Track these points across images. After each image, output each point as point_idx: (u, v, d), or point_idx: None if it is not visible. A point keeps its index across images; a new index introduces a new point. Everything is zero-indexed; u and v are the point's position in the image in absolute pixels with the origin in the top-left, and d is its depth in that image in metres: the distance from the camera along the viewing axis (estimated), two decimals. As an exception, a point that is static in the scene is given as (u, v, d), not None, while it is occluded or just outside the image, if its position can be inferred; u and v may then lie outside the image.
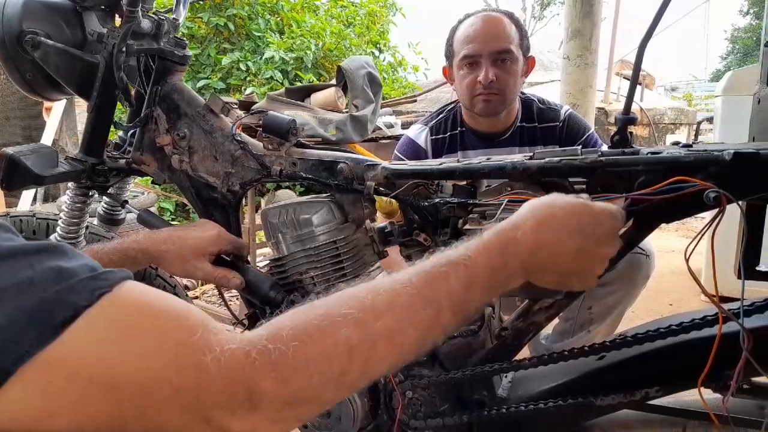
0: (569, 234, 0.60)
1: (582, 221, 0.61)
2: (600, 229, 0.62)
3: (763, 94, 1.14)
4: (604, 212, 0.63)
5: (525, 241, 0.59)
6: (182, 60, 1.04)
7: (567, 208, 0.61)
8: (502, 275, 0.58)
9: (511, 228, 0.60)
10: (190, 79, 5.13)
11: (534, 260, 0.59)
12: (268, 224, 0.99)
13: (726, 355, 0.72)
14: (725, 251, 0.95)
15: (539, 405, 0.86)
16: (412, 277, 0.54)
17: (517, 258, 0.58)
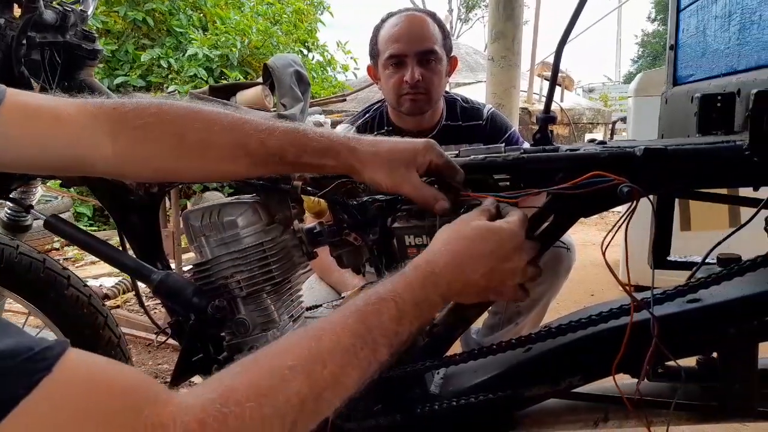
0: (479, 259, 0.66)
1: (488, 245, 0.66)
2: (504, 247, 0.67)
3: (669, 94, 1.21)
4: (506, 231, 0.68)
5: (442, 275, 0.64)
6: (91, 54, 0.97)
7: (473, 236, 0.67)
8: (425, 307, 0.63)
9: (427, 263, 0.65)
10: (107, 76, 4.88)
11: (452, 289, 0.65)
12: (190, 228, 0.95)
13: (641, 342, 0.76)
14: (642, 243, 1.00)
15: (470, 399, 0.87)
16: (348, 319, 0.56)
17: (436, 290, 0.64)
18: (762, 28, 0.83)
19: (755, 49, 0.85)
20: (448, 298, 0.67)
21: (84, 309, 1.12)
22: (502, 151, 0.81)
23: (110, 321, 1.17)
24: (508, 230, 0.68)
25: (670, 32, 1.24)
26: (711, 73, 1.02)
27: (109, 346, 1.16)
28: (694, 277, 0.85)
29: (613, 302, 0.85)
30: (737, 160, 0.71)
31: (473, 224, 0.68)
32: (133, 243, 1.01)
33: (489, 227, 0.68)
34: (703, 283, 0.74)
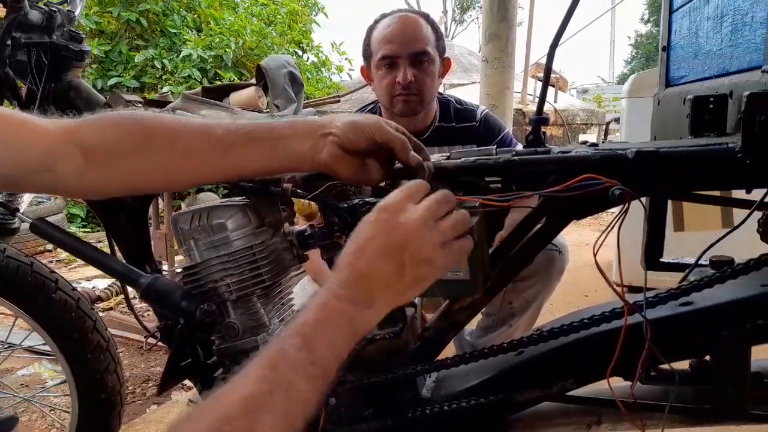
0: (367, 250, 0.59)
1: (366, 232, 0.60)
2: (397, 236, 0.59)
3: (662, 96, 1.21)
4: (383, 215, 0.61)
5: (337, 283, 0.59)
6: (78, 55, 0.96)
7: (361, 231, 0.61)
8: (338, 322, 0.57)
9: (329, 278, 0.60)
10: (101, 77, 4.85)
11: (360, 291, 0.58)
12: (179, 230, 0.94)
13: (633, 345, 0.76)
14: (635, 243, 1.00)
15: (462, 404, 0.87)
16: (252, 368, 0.53)
17: (339, 299, 0.58)
18: (754, 29, 0.82)
19: (747, 50, 0.85)
20: (364, 302, 0.58)
21: (72, 313, 1.11)
22: (494, 153, 0.81)
23: (99, 325, 1.16)
24: (377, 207, 0.61)
25: (662, 33, 1.23)
26: (703, 74, 1.01)
27: (98, 349, 1.14)
28: (687, 280, 0.85)
29: (605, 305, 0.85)
30: (729, 162, 0.70)
31: (366, 218, 0.62)
32: (122, 246, 1.00)
33: (365, 218, 0.62)
34: (695, 287, 0.74)
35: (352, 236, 0.61)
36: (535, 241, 0.81)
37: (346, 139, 0.73)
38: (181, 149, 0.72)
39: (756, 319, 0.76)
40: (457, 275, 0.77)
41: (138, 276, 0.88)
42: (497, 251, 0.86)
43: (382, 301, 0.59)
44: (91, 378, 1.14)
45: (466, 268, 0.76)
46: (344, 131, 0.73)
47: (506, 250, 0.85)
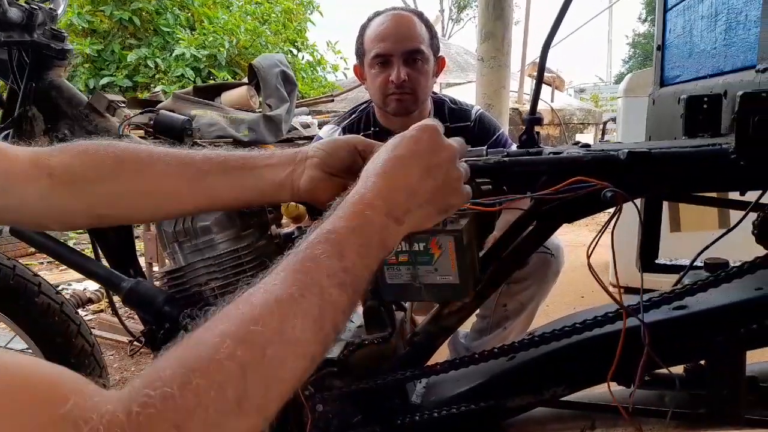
0: (406, 164, 0.58)
1: (408, 147, 0.60)
2: (423, 143, 0.60)
3: (656, 95, 1.19)
4: (418, 129, 0.62)
5: (374, 194, 0.57)
6: (60, 54, 0.94)
7: (390, 149, 0.60)
8: (370, 231, 0.55)
9: (355, 191, 0.58)
10: (93, 76, 4.82)
11: (394, 204, 0.57)
12: (164, 233, 0.92)
13: (628, 350, 0.74)
14: (631, 244, 0.98)
15: (452, 410, 0.85)
16: (280, 273, 0.50)
17: (374, 210, 0.55)
18: (748, 28, 0.81)
19: (741, 49, 0.83)
20: (398, 218, 0.57)
21: (55, 317, 1.08)
22: (484, 154, 0.79)
23: (83, 329, 1.13)
24: (418, 127, 0.62)
25: (657, 32, 1.22)
26: (698, 74, 1.00)
27: (83, 354, 1.12)
28: (681, 283, 0.83)
29: (598, 309, 0.83)
30: (723, 163, 0.68)
31: (384, 145, 0.63)
32: (105, 249, 0.98)
33: (398, 136, 0.62)
34: (689, 290, 0.72)
35: (384, 148, 0.61)
36: (527, 244, 0.79)
37: (327, 157, 0.73)
38: (153, 175, 0.69)
39: (751, 323, 0.74)
40: (446, 279, 0.75)
41: (120, 280, 0.86)
42: (488, 254, 0.84)
43: (412, 219, 0.58)
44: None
45: (455, 271, 0.74)
46: (323, 150, 0.73)
47: (497, 252, 0.83)
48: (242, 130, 2.16)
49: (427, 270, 0.75)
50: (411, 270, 0.75)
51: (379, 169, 0.58)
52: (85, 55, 4.85)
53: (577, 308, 2.39)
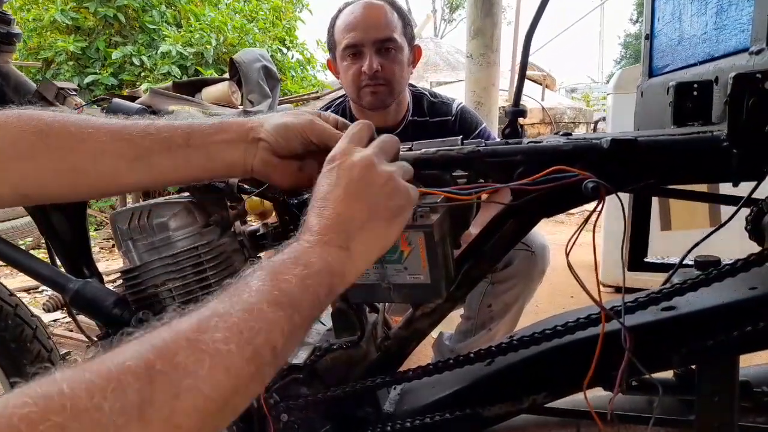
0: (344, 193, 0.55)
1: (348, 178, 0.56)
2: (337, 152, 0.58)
3: (645, 87, 1.14)
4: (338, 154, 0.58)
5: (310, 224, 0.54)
6: (7, 38, 0.87)
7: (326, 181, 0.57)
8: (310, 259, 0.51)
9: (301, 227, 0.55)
10: (78, 74, 4.73)
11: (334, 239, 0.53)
12: (118, 230, 0.85)
13: (613, 353, 0.68)
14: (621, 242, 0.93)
15: (427, 419, 0.79)
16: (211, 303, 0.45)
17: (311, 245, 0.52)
18: (740, 8, 0.76)
19: (733, 32, 0.78)
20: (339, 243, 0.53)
21: (8, 320, 1.02)
22: (458, 144, 0.73)
23: (40, 333, 1.07)
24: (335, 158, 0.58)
25: (645, 20, 1.17)
26: (688, 61, 0.95)
27: (39, 359, 1.06)
28: (670, 282, 0.78)
29: (581, 310, 0.78)
30: (715, 152, 0.63)
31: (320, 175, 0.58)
32: (57, 247, 0.91)
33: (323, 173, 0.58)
34: (678, 290, 0.66)
35: (313, 194, 0.58)
36: (504, 241, 0.74)
37: (278, 144, 0.67)
38: (85, 153, 0.62)
39: (744, 325, 0.69)
40: (416, 278, 0.70)
41: (66, 281, 0.80)
42: (464, 252, 0.78)
43: (360, 243, 0.55)
44: (31, 391, 1.05)
45: (426, 270, 0.69)
46: (274, 137, 0.67)
47: (473, 251, 0.77)
48: (222, 126, 2.09)
49: (396, 269, 0.69)
50: (379, 269, 0.69)
51: (309, 212, 0.56)
52: (69, 52, 4.76)
53: (567, 308, 2.35)
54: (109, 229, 3.66)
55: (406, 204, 0.58)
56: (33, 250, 3.62)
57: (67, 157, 0.62)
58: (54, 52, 4.79)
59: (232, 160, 0.67)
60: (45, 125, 0.61)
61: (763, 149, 0.61)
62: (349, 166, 0.57)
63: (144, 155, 0.64)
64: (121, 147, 0.63)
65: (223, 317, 0.42)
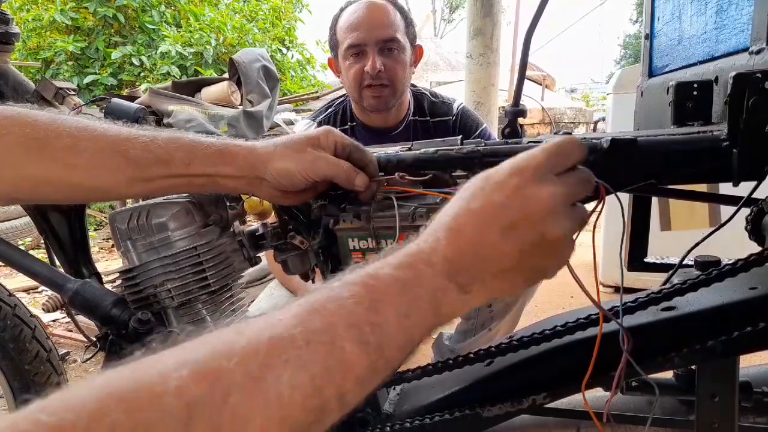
0: (483, 217, 0.45)
1: (490, 195, 0.46)
2: (510, 192, 0.45)
3: (645, 86, 1.14)
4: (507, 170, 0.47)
5: (433, 248, 0.45)
6: (5, 38, 0.87)
7: (467, 196, 0.47)
8: (420, 290, 0.43)
9: (415, 242, 0.46)
10: (77, 74, 4.73)
11: (461, 266, 0.44)
12: (116, 230, 0.85)
13: (612, 354, 0.68)
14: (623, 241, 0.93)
15: (425, 420, 0.79)
16: (294, 307, 0.39)
17: (433, 267, 0.43)
18: (740, 8, 0.76)
19: (733, 32, 0.78)
20: (463, 283, 0.44)
21: (7, 321, 1.01)
22: (458, 144, 0.73)
23: (39, 333, 1.07)
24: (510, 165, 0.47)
25: (645, 20, 1.17)
26: (688, 61, 0.95)
27: (38, 360, 1.05)
28: (670, 282, 0.78)
29: (581, 311, 0.77)
30: (715, 152, 0.63)
31: (468, 184, 0.48)
32: (56, 247, 0.91)
33: (484, 175, 0.48)
34: (678, 290, 0.66)
35: (458, 195, 0.48)
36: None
37: (281, 186, 0.68)
38: (85, 167, 0.61)
39: (744, 325, 0.69)
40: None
41: (64, 281, 0.80)
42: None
43: (484, 288, 0.45)
44: (30, 391, 1.05)
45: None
46: (277, 180, 0.67)
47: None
48: (221, 126, 2.08)
49: None
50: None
51: (448, 222, 0.46)
52: (69, 52, 4.76)
53: (566, 309, 2.35)
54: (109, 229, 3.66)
55: (556, 266, 0.49)
56: (32, 251, 3.61)
57: (63, 171, 0.60)
58: (53, 52, 4.79)
59: (234, 188, 0.69)
60: (41, 133, 0.59)
61: (763, 149, 0.61)
62: (528, 197, 0.45)
63: (142, 174, 0.63)
64: (119, 163, 0.62)
65: (297, 347, 0.35)
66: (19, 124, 0.59)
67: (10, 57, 0.90)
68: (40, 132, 0.59)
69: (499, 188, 0.46)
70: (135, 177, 0.63)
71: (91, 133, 0.62)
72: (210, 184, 0.67)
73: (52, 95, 0.86)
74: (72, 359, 2.18)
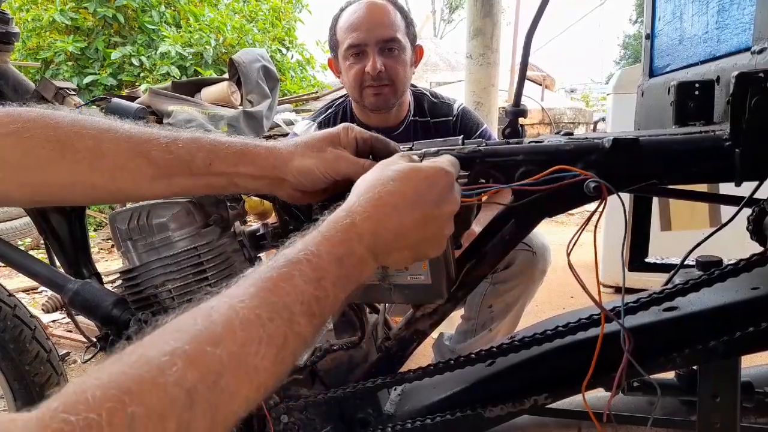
0: (408, 205, 0.55)
1: (418, 188, 0.56)
2: (435, 189, 0.57)
3: (645, 87, 1.14)
4: (436, 171, 0.58)
5: (364, 225, 0.52)
6: (5, 38, 0.87)
7: (399, 178, 0.56)
8: (350, 263, 0.51)
9: (347, 214, 0.53)
10: (77, 75, 4.73)
11: (380, 242, 0.53)
12: (117, 230, 0.85)
13: (614, 354, 0.68)
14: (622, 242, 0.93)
15: (426, 420, 0.79)
16: (249, 288, 0.44)
17: (361, 243, 0.52)
18: (742, 8, 0.75)
19: (735, 31, 0.78)
20: (377, 255, 0.54)
21: (7, 321, 1.01)
22: (459, 144, 0.73)
23: (39, 333, 1.06)
24: (439, 169, 0.58)
25: (645, 20, 1.16)
26: (689, 61, 0.94)
27: (38, 361, 1.05)
28: (672, 282, 0.77)
29: (582, 311, 0.77)
30: (717, 151, 0.63)
31: (394, 167, 0.57)
32: (56, 247, 0.91)
33: (414, 167, 0.57)
34: (680, 290, 0.66)
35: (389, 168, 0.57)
36: (505, 241, 0.73)
37: (303, 186, 0.69)
38: (107, 170, 0.61)
39: (746, 326, 0.69)
40: (417, 279, 0.70)
41: (65, 281, 0.79)
42: (465, 252, 0.78)
43: (389, 260, 0.56)
44: (30, 392, 1.05)
45: (428, 270, 0.68)
46: (299, 179, 0.68)
47: (475, 251, 0.77)
48: (221, 126, 2.09)
49: (397, 269, 0.69)
50: (379, 270, 0.69)
51: (376, 196, 0.54)
52: (68, 53, 4.75)
53: (567, 309, 2.34)
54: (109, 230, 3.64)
55: (433, 255, 0.60)
56: (32, 251, 3.61)
57: (86, 174, 0.60)
58: (53, 53, 4.79)
59: (255, 188, 0.69)
60: (63, 136, 0.59)
61: (765, 149, 0.60)
62: (446, 199, 0.57)
63: (164, 175, 0.63)
64: (141, 165, 0.62)
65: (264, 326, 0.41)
66: (42, 127, 0.58)
67: (10, 57, 0.90)
68: (62, 134, 0.59)
69: (428, 184, 0.56)
70: (157, 178, 0.63)
71: (113, 135, 0.61)
72: (230, 186, 0.68)
73: (52, 95, 0.86)
74: (71, 360, 2.18)
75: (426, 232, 0.56)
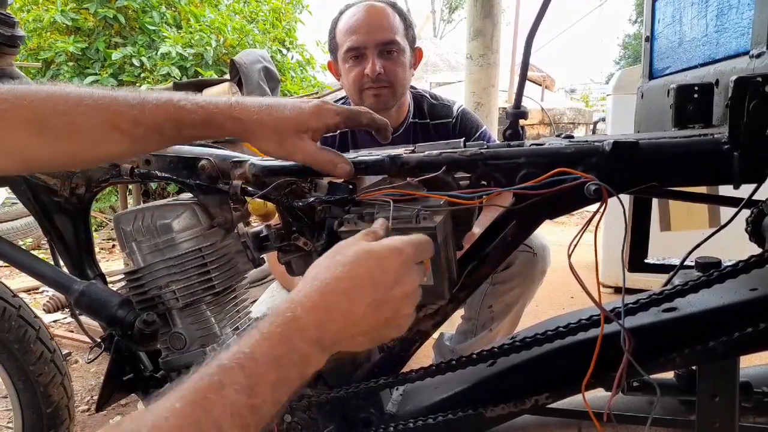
0: (358, 291, 0.52)
1: (369, 272, 0.53)
2: (389, 272, 0.54)
3: (645, 88, 1.15)
4: (389, 252, 0.55)
5: (308, 317, 0.50)
6: (11, 41, 0.88)
7: (349, 262, 0.53)
8: (290, 362, 0.48)
9: (289, 306, 0.50)
10: (77, 75, 4.73)
11: (327, 333, 0.50)
12: (121, 232, 0.86)
13: (614, 354, 0.69)
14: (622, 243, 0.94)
15: (428, 420, 0.80)
16: (175, 402, 0.42)
17: (303, 338, 0.49)
18: (741, 12, 0.76)
19: (734, 35, 0.79)
20: (326, 347, 0.51)
21: (12, 321, 1.02)
22: (461, 146, 0.73)
23: (43, 334, 1.07)
24: (391, 248, 0.55)
25: (645, 23, 1.17)
26: (688, 64, 0.95)
27: (42, 361, 1.06)
28: (671, 283, 0.78)
29: (583, 311, 0.78)
30: (716, 154, 0.64)
31: (347, 251, 0.55)
32: (60, 248, 0.91)
33: (366, 250, 0.54)
34: (679, 291, 0.67)
35: (338, 256, 0.54)
36: (506, 243, 0.74)
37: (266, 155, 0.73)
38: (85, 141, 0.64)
39: (745, 326, 0.69)
40: (419, 280, 0.70)
41: (70, 282, 0.80)
42: (466, 254, 0.79)
43: (340, 347, 0.53)
44: (34, 391, 1.06)
45: (429, 272, 0.69)
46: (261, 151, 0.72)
47: (476, 252, 0.78)
48: (223, 127, 2.09)
49: None
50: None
51: (324, 283, 0.52)
52: (69, 53, 4.76)
53: (567, 309, 2.35)
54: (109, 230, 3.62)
55: (394, 337, 0.58)
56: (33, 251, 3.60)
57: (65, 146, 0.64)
58: (54, 53, 4.79)
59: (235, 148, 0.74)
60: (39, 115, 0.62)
61: (763, 152, 0.61)
62: (400, 279, 0.54)
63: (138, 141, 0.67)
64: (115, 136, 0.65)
65: None
66: (17, 107, 0.61)
67: (14, 60, 0.91)
68: (38, 114, 0.62)
69: (379, 266, 0.53)
70: (132, 143, 0.66)
71: (85, 108, 0.64)
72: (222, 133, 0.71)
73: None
74: (73, 360, 2.19)
75: (381, 317, 0.53)
